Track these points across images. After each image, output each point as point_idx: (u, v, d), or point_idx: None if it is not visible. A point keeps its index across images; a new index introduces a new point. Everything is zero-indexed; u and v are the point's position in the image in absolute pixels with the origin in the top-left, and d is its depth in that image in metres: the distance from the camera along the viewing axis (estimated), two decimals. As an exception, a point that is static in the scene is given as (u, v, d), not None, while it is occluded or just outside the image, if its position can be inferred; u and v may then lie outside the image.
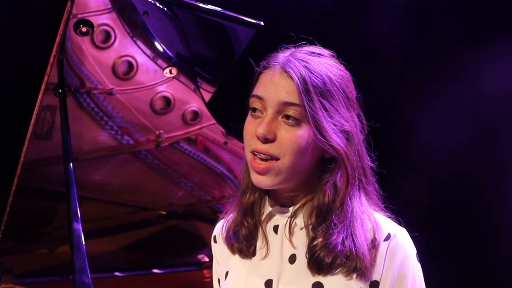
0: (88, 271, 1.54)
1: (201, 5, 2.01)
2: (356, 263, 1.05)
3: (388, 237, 1.08)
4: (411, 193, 3.72)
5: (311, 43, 1.15)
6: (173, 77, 2.15)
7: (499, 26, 3.63)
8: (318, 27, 3.85)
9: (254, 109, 1.11)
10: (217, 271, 1.24)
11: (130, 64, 2.07)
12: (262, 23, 2.07)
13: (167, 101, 2.20)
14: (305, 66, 1.08)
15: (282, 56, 1.12)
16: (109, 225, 2.40)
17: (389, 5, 3.76)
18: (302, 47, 1.15)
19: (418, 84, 3.84)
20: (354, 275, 1.05)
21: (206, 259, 2.56)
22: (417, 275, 1.11)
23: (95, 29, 1.88)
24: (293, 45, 1.16)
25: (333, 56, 1.14)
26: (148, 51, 2.07)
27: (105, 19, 1.93)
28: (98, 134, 2.15)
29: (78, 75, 1.98)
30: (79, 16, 1.81)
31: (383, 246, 1.07)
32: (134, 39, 2.05)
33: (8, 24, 3.56)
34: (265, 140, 1.07)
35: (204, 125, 2.27)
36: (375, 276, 1.07)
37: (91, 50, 1.96)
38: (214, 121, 2.26)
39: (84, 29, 1.82)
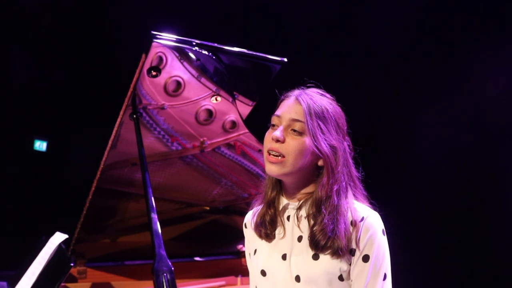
0: (163, 246, 2.19)
1: (237, 49, 2.64)
2: (337, 244, 1.66)
3: (362, 219, 1.69)
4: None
5: (318, 86, 1.80)
6: (214, 92, 2.74)
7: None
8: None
9: (273, 125, 1.75)
10: (248, 248, 1.87)
11: (178, 83, 2.65)
12: (285, 60, 2.67)
13: (210, 113, 2.79)
14: (311, 98, 1.73)
15: (297, 91, 1.78)
16: (160, 219, 3.00)
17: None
18: (311, 88, 1.79)
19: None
20: (339, 252, 1.67)
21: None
22: (382, 245, 1.71)
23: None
24: (305, 86, 1.80)
25: (333, 99, 1.78)
26: (193, 72, 2.65)
27: (159, 47, 2.53)
28: (152, 142, 2.76)
29: (137, 94, 2.59)
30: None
31: (360, 224, 1.69)
32: (182, 61, 2.63)
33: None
34: (277, 141, 1.70)
35: (241, 132, 2.87)
36: (353, 245, 1.69)
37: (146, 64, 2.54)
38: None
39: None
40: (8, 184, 4.36)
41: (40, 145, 4.43)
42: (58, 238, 2.44)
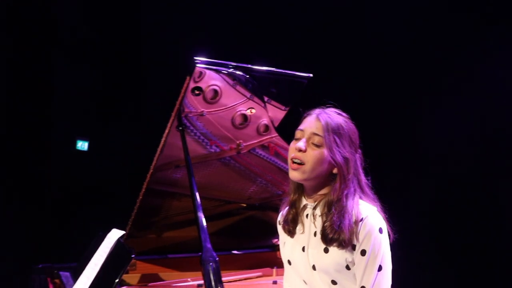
0: (209, 239, 2.59)
1: (268, 69, 3.01)
2: (342, 237, 2.04)
3: (361, 219, 2.07)
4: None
5: (335, 106, 2.19)
6: (248, 99, 3.09)
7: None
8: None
9: (296, 138, 2.15)
10: (281, 242, 2.28)
11: (215, 91, 2.98)
12: (311, 75, 3.04)
13: (245, 118, 3.13)
14: (329, 117, 2.13)
15: (318, 110, 2.17)
16: (201, 215, 3.37)
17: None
18: (330, 108, 2.17)
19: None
20: (343, 244, 2.05)
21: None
22: (378, 241, 2.07)
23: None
24: (324, 106, 2.19)
25: (349, 117, 2.17)
26: (229, 80, 2.99)
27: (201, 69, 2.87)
28: (193, 146, 3.10)
29: (181, 104, 2.96)
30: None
31: (360, 224, 2.06)
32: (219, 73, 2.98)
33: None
34: (300, 151, 2.10)
35: (274, 135, 3.21)
36: (354, 241, 2.06)
37: (190, 84, 2.92)
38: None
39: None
40: (52, 182, 4.79)
41: (82, 145, 4.82)
42: (116, 233, 2.86)
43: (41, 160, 4.76)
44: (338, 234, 2.05)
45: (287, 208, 2.24)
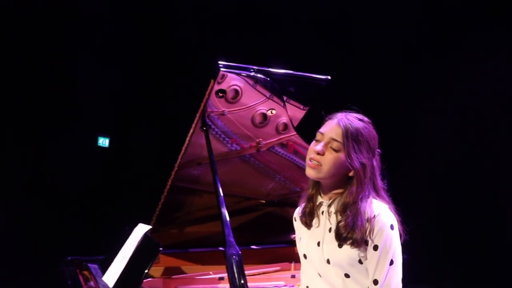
0: (232, 234, 2.72)
1: (288, 71, 3.14)
2: (355, 236, 2.17)
3: (374, 216, 2.18)
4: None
5: (357, 111, 2.29)
6: (268, 98, 3.20)
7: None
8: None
9: (317, 140, 2.26)
10: (297, 236, 2.41)
11: (236, 91, 3.09)
12: (329, 77, 3.15)
13: (264, 116, 3.24)
14: (349, 123, 2.23)
15: (340, 114, 2.28)
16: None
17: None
18: (352, 113, 2.27)
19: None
20: (355, 243, 2.18)
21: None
22: (389, 237, 2.19)
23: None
24: (347, 111, 2.30)
25: (370, 122, 2.27)
26: (250, 81, 3.09)
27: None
28: (215, 144, 3.18)
29: (205, 105, 3.07)
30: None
31: (372, 221, 2.17)
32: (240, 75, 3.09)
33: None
34: (318, 154, 2.21)
35: (292, 134, 3.32)
36: (367, 237, 2.18)
37: (214, 87, 3.02)
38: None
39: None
40: (74, 179, 4.91)
41: (103, 142, 4.93)
42: (143, 228, 3.00)
43: (63, 157, 4.86)
44: (352, 233, 2.17)
45: (304, 203, 2.37)
